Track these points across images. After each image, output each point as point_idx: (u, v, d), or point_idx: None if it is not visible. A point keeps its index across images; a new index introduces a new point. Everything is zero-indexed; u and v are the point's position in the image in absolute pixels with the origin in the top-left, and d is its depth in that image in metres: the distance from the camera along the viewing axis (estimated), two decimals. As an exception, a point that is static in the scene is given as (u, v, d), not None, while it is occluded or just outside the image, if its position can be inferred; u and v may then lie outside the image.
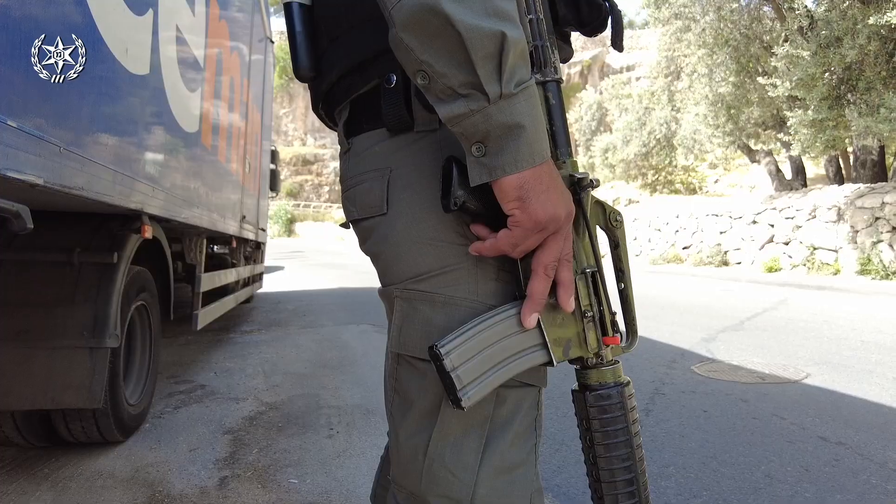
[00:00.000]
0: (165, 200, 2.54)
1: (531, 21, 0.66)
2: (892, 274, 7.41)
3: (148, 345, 3.04)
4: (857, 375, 3.51)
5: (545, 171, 0.57)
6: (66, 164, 1.51)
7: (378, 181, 0.68)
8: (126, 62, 1.93)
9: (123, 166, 1.97)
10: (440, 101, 0.55)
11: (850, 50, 6.90)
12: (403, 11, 0.52)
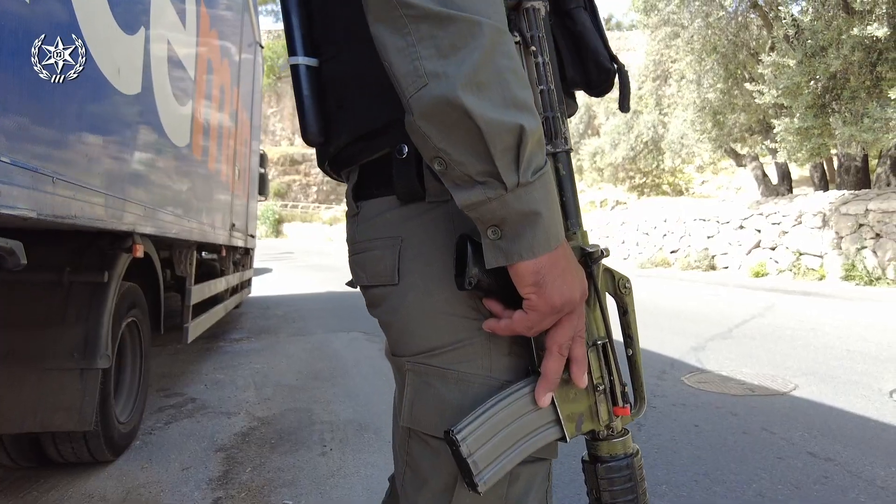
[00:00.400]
0: (157, 218, 2.52)
1: (542, 92, 0.66)
2: (876, 280, 7.52)
3: (138, 360, 3.01)
4: (843, 387, 3.56)
5: (561, 255, 0.57)
6: (59, 194, 1.49)
7: (389, 250, 0.68)
8: (118, 83, 1.91)
9: (115, 188, 1.96)
10: (457, 187, 0.55)
11: (834, 60, 7.00)
12: (423, 102, 0.52)
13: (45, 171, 1.41)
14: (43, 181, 1.40)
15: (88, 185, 1.70)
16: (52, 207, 1.47)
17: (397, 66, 0.53)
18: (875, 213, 7.55)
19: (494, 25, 0.52)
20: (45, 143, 1.44)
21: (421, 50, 0.51)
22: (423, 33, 0.51)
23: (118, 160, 1.98)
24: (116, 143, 1.96)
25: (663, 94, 12.41)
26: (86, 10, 1.64)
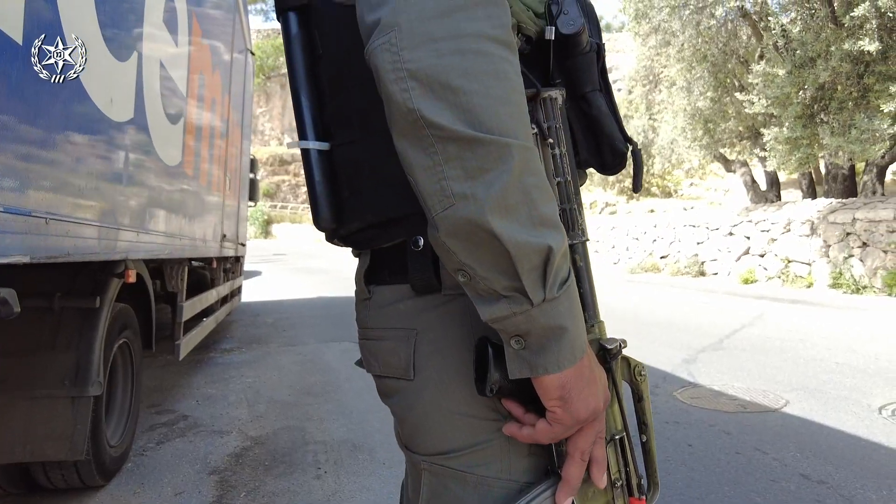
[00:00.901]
0: (150, 241, 2.49)
1: (559, 184, 0.66)
2: (863, 288, 7.61)
3: (130, 381, 2.97)
4: (833, 402, 3.59)
5: (585, 365, 0.57)
6: (53, 233, 1.47)
7: (403, 342, 0.66)
8: (110, 112, 1.88)
9: (108, 218, 1.93)
10: (481, 299, 0.55)
11: (823, 71, 7.07)
12: (449, 221, 0.51)
13: (39, 213, 1.39)
14: (36, 224, 1.37)
15: (81, 219, 1.68)
16: (45, 249, 1.44)
17: (423, 183, 0.52)
18: (862, 222, 7.64)
19: (522, 145, 0.51)
20: (38, 183, 1.41)
21: (448, 170, 0.50)
22: (451, 154, 0.50)
23: (111, 188, 1.95)
24: (109, 171, 1.93)
25: (653, 99, 12.49)
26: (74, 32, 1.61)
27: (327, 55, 0.71)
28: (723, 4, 8.11)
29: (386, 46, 0.51)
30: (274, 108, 46.41)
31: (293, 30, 0.72)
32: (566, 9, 0.69)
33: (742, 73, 9.33)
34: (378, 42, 0.52)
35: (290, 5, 0.72)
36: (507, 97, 0.51)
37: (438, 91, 0.50)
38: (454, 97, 0.49)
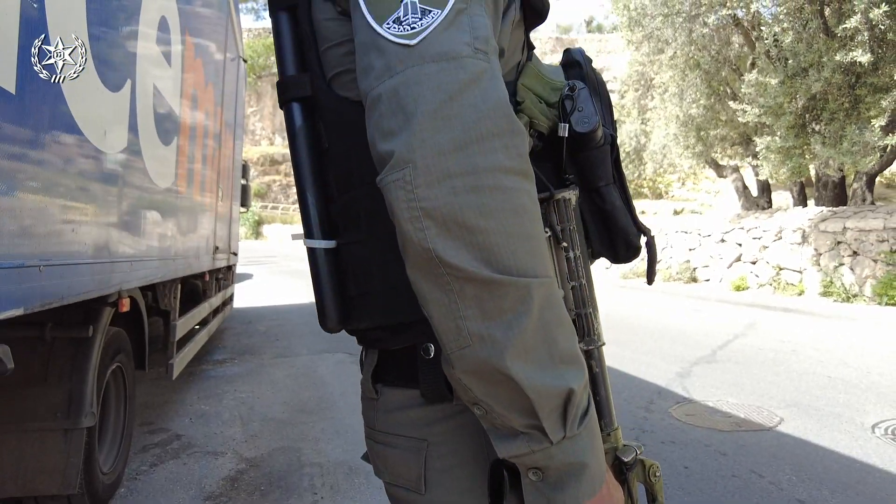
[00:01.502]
0: (143, 268, 2.45)
1: (573, 288, 0.64)
2: (853, 297, 7.67)
3: (123, 405, 2.94)
4: (827, 421, 3.61)
5: (604, 494, 0.56)
6: (46, 280, 1.44)
7: (413, 454, 0.65)
8: (104, 145, 1.85)
9: (102, 253, 1.90)
10: (497, 434, 0.53)
11: (815, 82, 7.10)
12: (466, 361, 0.50)
13: (32, 262, 1.36)
14: (30, 274, 1.35)
15: (76, 259, 1.65)
16: (40, 296, 1.41)
17: (438, 319, 0.50)
18: (852, 231, 7.70)
19: (542, 282, 0.50)
20: (32, 230, 1.38)
21: (465, 310, 0.49)
22: (468, 294, 0.49)
23: (104, 222, 1.92)
24: (103, 206, 1.90)
25: (646, 104, 12.53)
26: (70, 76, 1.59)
27: (333, 150, 0.69)
28: (715, 13, 8.14)
29: (400, 184, 0.49)
30: (265, 107, 46.16)
31: (297, 122, 0.70)
32: (581, 105, 0.68)
33: (734, 80, 9.37)
34: (392, 178, 0.50)
35: (294, 97, 0.70)
36: (526, 233, 0.50)
37: (455, 230, 0.48)
38: (471, 236, 0.48)
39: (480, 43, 0.53)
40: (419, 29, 0.52)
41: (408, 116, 0.50)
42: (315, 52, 0.69)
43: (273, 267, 18.92)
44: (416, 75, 0.51)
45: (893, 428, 3.49)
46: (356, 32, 0.58)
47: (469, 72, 0.51)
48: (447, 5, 0.53)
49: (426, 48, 0.51)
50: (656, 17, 8.97)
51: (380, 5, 0.54)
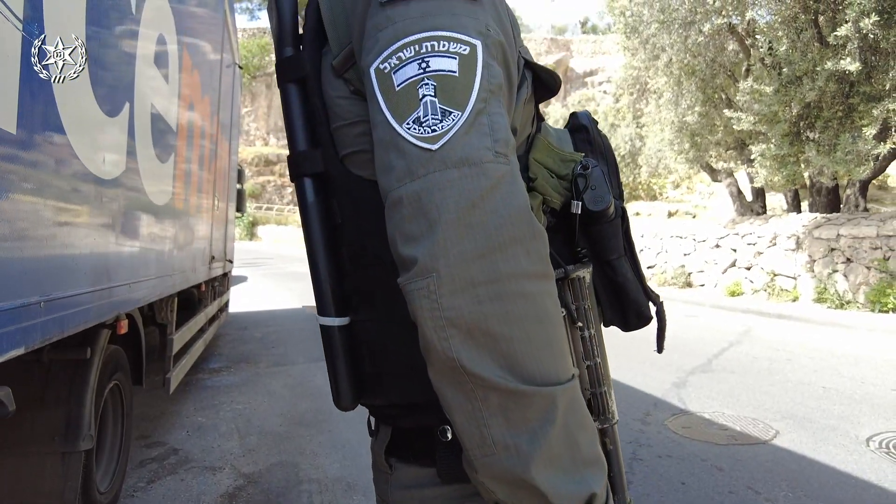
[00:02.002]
0: (141, 289, 2.44)
1: (588, 368, 0.65)
2: (846, 303, 7.72)
3: (120, 423, 2.92)
4: (822, 434, 3.64)
5: None
6: (47, 315, 1.43)
7: None
8: (102, 173, 1.84)
9: (101, 280, 1.89)
10: None
11: (809, 91, 7.14)
12: (490, 469, 0.50)
13: (33, 300, 1.35)
14: (31, 311, 1.34)
15: (76, 289, 1.64)
16: (41, 332, 1.41)
17: (462, 425, 0.51)
18: (846, 238, 7.75)
19: (566, 388, 0.50)
20: (33, 268, 1.38)
21: (489, 418, 0.49)
22: (492, 403, 0.49)
23: (103, 249, 1.91)
24: (101, 233, 1.89)
25: (641, 108, 12.56)
26: (69, 103, 1.58)
27: (347, 226, 0.69)
28: (711, 21, 8.17)
29: (424, 293, 0.50)
30: (259, 107, 46.01)
31: (310, 197, 0.70)
32: (594, 183, 0.68)
33: (729, 85, 9.42)
34: (416, 286, 0.50)
35: (307, 173, 0.70)
36: (549, 338, 0.50)
37: (479, 339, 0.48)
38: (495, 345, 0.48)
39: (501, 146, 0.53)
40: (440, 132, 0.52)
41: (431, 224, 0.50)
42: (327, 127, 0.68)
43: (267, 269, 18.87)
44: (438, 181, 0.51)
45: (888, 441, 3.51)
46: (375, 127, 0.58)
47: (490, 177, 0.51)
48: (467, 107, 0.53)
49: (448, 153, 0.52)
50: (652, 24, 9.01)
51: (399, 104, 0.55)
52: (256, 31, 48.62)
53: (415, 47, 0.55)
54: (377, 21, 0.58)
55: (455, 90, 0.54)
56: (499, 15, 0.62)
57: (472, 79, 0.54)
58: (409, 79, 0.54)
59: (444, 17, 0.56)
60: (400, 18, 0.57)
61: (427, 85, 0.54)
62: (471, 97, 0.54)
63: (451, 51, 0.55)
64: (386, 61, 0.56)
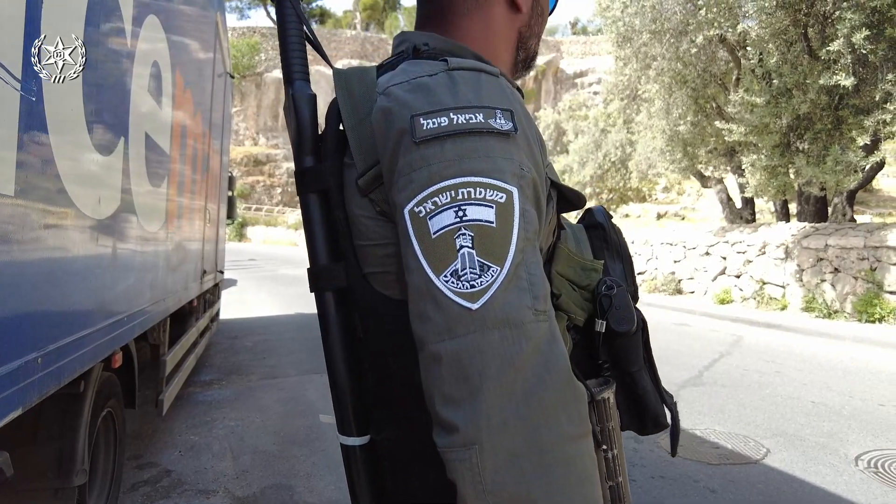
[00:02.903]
0: (137, 319, 2.43)
1: (611, 488, 0.65)
2: (834, 313, 7.81)
3: (112, 449, 2.90)
4: (812, 452, 3.68)
5: None
6: (44, 369, 1.42)
7: None
8: (97, 213, 1.82)
9: (97, 320, 1.87)
10: None
11: (801, 104, 7.22)
12: None
13: (30, 357, 1.34)
14: (28, 369, 1.33)
15: (72, 335, 1.63)
16: (38, 388, 1.40)
17: None
18: (834, 248, 7.84)
19: None
20: (31, 324, 1.36)
21: None
22: None
23: (98, 287, 1.89)
24: (96, 271, 1.87)
25: (632, 113, 12.63)
26: (65, 154, 1.56)
27: (371, 342, 0.68)
28: (703, 32, 8.23)
29: (467, 465, 0.50)
30: (248, 107, 45.72)
31: (331, 312, 0.69)
32: (618, 303, 0.69)
33: (720, 94, 9.50)
34: (458, 457, 0.50)
35: (329, 288, 0.68)
36: (587, 499, 0.51)
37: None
38: None
39: (541, 303, 0.53)
40: (480, 288, 0.52)
41: (472, 390, 0.50)
42: (350, 241, 0.67)
43: (257, 272, 18.79)
44: (478, 343, 0.51)
45: (876, 460, 3.56)
46: (409, 271, 0.57)
47: (531, 339, 0.51)
48: (507, 261, 0.53)
49: (488, 313, 0.51)
50: (644, 33, 9.06)
51: (436, 253, 0.54)
52: (246, 31, 48.31)
53: (451, 193, 0.55)
54: (411, 159, 0.57)
55: (493, 242, 0.53)
56: (531, 148, 0.62)
57: (509, 230, 0.54)
58: (445, 227, 0.54)
59: (480, 160, 0.56)
60: (435, 160, 0.56)
61: (464, 235, 0.53)
62: (509, 250, 0.53)
63: (488, 199, 0.54)
64: (421, 205, 0.55)
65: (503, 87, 0.63)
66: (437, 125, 0.57)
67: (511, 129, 0.58)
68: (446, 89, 0.60)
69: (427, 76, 0.62)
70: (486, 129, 0.57)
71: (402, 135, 0.58)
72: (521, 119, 0.61)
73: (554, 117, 25.10)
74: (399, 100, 0.60)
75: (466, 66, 0.62)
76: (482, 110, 0.58)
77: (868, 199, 25.78)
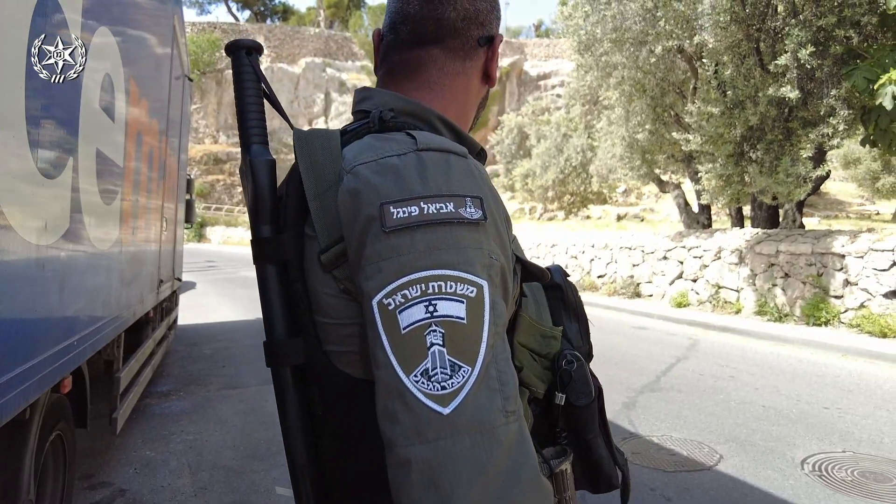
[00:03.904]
0: (90, 341, 2.35)
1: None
2: (784, 316, 8.12)
3: (62, 472, 2.80)
4: (762, 457, 3.81)
5: None
6: (-11, 408, 1.37)
7: None
8: (43, 240, 1.76)
9: (45, 346, 1.81)
10: None
11: (752, 115, 7.49)
12: None
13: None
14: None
15: (18, 369, 1.57)
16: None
17: None
18: (784, 254, 8.15)
19: None
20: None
21: None
22: None
23: (45, 315, 1.83)
24: (43, 298, 1.81)
25: (593, 120, 12.86)
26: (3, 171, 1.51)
27: (330, 419, 0.67)
28: (661, 43, 8.45)
29: None
30: (209, 104, 44.66)
31: (288, 388, 0.67)
32: (577, 377, 0.71)
33: (678, 102, 9.76)
34: None
35: (286, 364, 0.67)
36: None
37: None
38: None
39: (510, 403, 0.53)
40: (451, 391, 0.51)
41: (443, 498, 0.49)
42: (309, 315, 0.65)
43: (216, 274, 18.42)
44: (449, 450, 0.50)
45: (820, 463, 3.72)
46: (376, 365, 0.55)
47: (502, 442, 0.51)
48: (477, 361, 0.53)
49: (459, 417, 0.51)
50: (604, 42, 9.24)
51: (406, 350, 0.53)
52: (206, 26, 47.20)
53: (421, 286, 0.54)
54: (380, 248, 0.56)
55: (464, 340, 0.53)
56: (499, 233, 0.61)
57: (480, 326, 0.54)
58: (416, 323, 0.53)
59: (451, 252, 0.55)
60: (405, 251, 0.55)
61: (435, 332, 0.53)
62: (480, 349, 0.53)
63: (459, 293, 0.54)
64: (391, 297, 0.54)
65: (471, 169, 0.62)
66: (408, 215, 0.56)
67: (480, 218, 0.58)
68: (416, 173, 0.59)
69: (396, 156, 0.61)
70: (456, 220, 0.56)
71: (371, 221, 0.57)
72: (490, 203, 0.61)
73: (517, 121, 25.38)
74: (368, 182, 0.59)
75: (435, 146, 0.62)
76: (452, 199, 0.57)
77: (817, 202, 26.87)
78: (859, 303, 7.41)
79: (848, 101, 7.27)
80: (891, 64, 6.18)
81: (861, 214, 26.15)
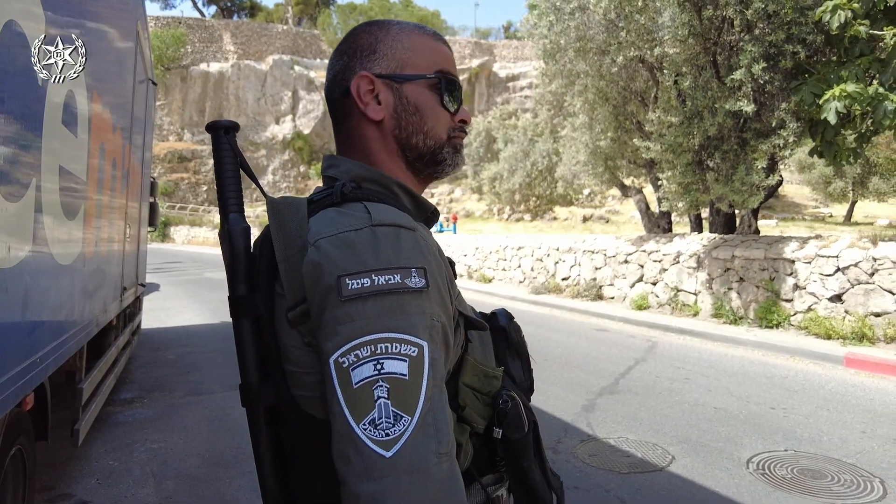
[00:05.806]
0: (52, 356, 2.37)
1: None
2: (739, 319, 8.45)
3: (21, 487, 2.79)
4: (711, 457, 4.01)
5: None
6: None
7: None
8: (3, 263, 1.77)
9: (8, 369, 1.84)
10: None
11: (710, 126, 7.79)
12: None
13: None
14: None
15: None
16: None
17: None
18: (739, 259, 8.47)
19: None
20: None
21: None
22: None
23: (6, 340, 1.86)
24: (6, 321, 1.83)
25: (558, 126, 13.10)
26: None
27: (296, 454, 0.76)
28: (623, 53, 8.69)
29: None
30: (174, 101, 43.68)
31: (261, 426, 0.76)
32: (512, 414, 0.81)
33: (640, 110, 10.05)
34: None
35: (258, 405, 0.76)
36: None
37: None
38: None
39: (444, 446, 0.64)
40: (393, 437, 0.62)
41: None
42: (279, 365, 0.75)
43: (180, 275, 18.14)
44: (391, 487, 0.60)
45: (764, 462, 3.92)
46: (332, 415, 0.65)
47: (436, 480, 0.62)
48: (416, 411, 0.63)
49: (399, 460, 0.61)
50: (569, 51, 9.45)
51: (357, 402, 0.63)
52: (171, 21, 46.22)
53: (371, 347, 0.64)
54: (337, 314, 0.66)
55: (406, 393, 0.63)
56: (441, 296, 0.72)
57: (420, 381, 0.64)
58: (365, 379, 0.63)
59: (397, 317, 0.66)
60: (358, 317, 0.65)
61: (381, 387, 0.63)
62: (419, 400, 0.64)
63: (403, 353, 0.64)
64: (345, 356, 0.65)
65: (418, 241, 0.72)
66: (360, 286, 0.66)
67: (424, 286, 0.68)
68: (369, 248, 0.69)
69: (353, 231, 0.71)
70: (402, 289, 0.67)
71: (330, 290, 0.67)
72: (433, 271, 0.71)
73: (485, 125, 25.65)
74: (328, 256, 0.69)
75: (387, 221, 0.72)
76: (399, 271, 0.68)
77: (775, 204, 27.80)
78: (807, 306, 7.77)
79: (797, 114, 7.64)
80: (835, 80, 6.52)
81: (815, 216, 27.19)
